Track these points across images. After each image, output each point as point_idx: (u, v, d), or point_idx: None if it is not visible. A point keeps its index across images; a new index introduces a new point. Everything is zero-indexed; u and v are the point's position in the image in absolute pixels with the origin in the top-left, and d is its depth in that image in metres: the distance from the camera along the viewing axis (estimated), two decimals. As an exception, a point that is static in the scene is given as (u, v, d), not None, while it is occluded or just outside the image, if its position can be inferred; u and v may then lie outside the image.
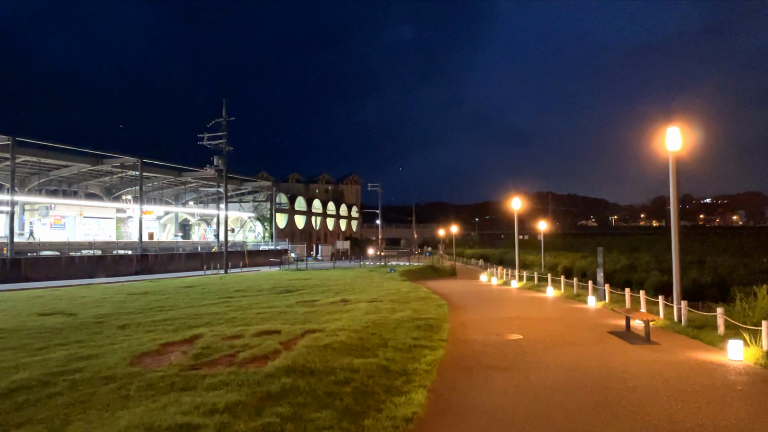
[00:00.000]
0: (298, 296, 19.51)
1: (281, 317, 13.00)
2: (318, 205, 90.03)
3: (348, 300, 17.25)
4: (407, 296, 18.77)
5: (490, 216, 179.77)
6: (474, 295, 21.99)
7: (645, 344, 9.75)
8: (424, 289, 22.46)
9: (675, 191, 12.18)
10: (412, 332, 10.58)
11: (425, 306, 15.78)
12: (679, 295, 12.15)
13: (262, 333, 10.08)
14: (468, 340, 10.51)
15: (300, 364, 7.31)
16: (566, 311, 15.40)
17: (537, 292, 22.29)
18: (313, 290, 21.85)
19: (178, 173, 55.10)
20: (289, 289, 22.36)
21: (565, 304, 17.49)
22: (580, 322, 13.07)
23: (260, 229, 71.33)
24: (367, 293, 20.22)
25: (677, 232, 12.30)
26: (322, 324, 11.33)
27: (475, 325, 12.49)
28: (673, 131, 12.11)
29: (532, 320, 13.40)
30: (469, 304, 18.00)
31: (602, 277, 16.81)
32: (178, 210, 66.11)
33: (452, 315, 14.38)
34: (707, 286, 29.70)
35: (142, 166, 45.18)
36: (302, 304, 16.48)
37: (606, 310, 15.28)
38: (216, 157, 42.59)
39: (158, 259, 45.33)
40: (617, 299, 16.89)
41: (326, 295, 19.41)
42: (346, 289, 22.26)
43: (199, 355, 8.18)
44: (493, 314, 14.78)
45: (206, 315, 13.72)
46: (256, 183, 66.88)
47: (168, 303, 17.23)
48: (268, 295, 19.88)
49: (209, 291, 22.04)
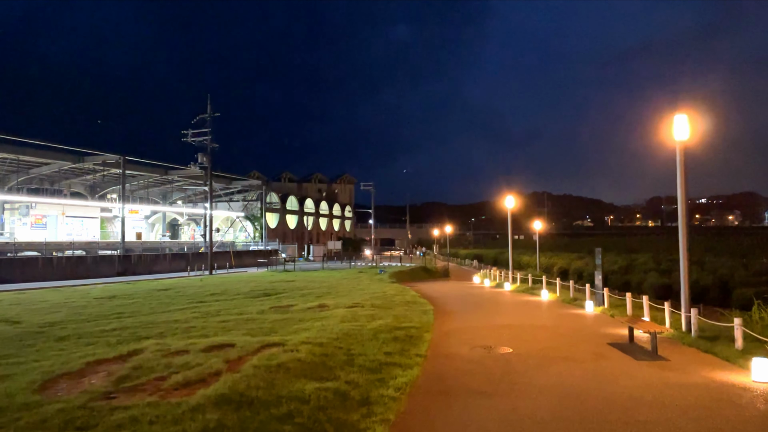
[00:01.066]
0: (275, 300, 18.19)
1: (246, 326, 11.68)
2: (310, 204, 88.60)
3: (326, 305, 15.94)
4: (392, 301, 17.48)
5: (486, 216, 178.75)
6: (464, 298, 20.72)
7: (652, 360, 8.48)
8: (412, 293, 21.17)
9: (683, 185, 10.93)
10: (387, 345, 9.28)
11: (409, 312, 14.49)
12: (688, 302, 10.90)
13: (214, 347, 8.76)
14: (450, 354, 9.20)
15: (239, 391, 5.99)
16: (562, 318, 14.13)
17: (531, 296, 21.03)
18: (293, 294, 20.53)
19: (164, 171, 53.64)
20: (268, 293, 21.03)
21: (561, 309, 16.22)
22: (577, 330, 11.79)
23: (251, 229, 69.89)
24: (350, 297, 18.92)
25: (686, 232, 11.05)
26: (287, 335, 10.02)
27: (461, 335, 11.19)
28: (681, 119, 10.86)
29: (524, 329, 12.11)
30: (458, 309, 16.71)
31: (600, 281, 15.55)
32: (165, 209, 64.61)
33: (437, 323, 13.09)
34: (708, 288, 28.56)
35: (124, 163, 43.73)
36: (276, 309, 15.16)
37: (605, 317, 14.01)
38: (201, 154, 41.15)
39: (142, 260, 43.89)
40: (617, 304, 15.65)
41: (305, 300, 18.10)
42: (328, 293, 20.95)
43: (124, 377, 6.86)
44: (482, 321, 13.49)
45: (164, 323, 12.39)
46: (246, 182, 65.42)
47: (131, 309, 15.88)
48: (243, 300, 18.55)
49: (183, 294, 20.68)
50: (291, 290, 22.18)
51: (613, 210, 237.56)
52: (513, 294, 22.45)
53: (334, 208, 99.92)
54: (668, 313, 11.33)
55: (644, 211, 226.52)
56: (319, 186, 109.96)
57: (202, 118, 40.90)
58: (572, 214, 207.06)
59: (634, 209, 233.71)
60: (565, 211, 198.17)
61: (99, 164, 45.32)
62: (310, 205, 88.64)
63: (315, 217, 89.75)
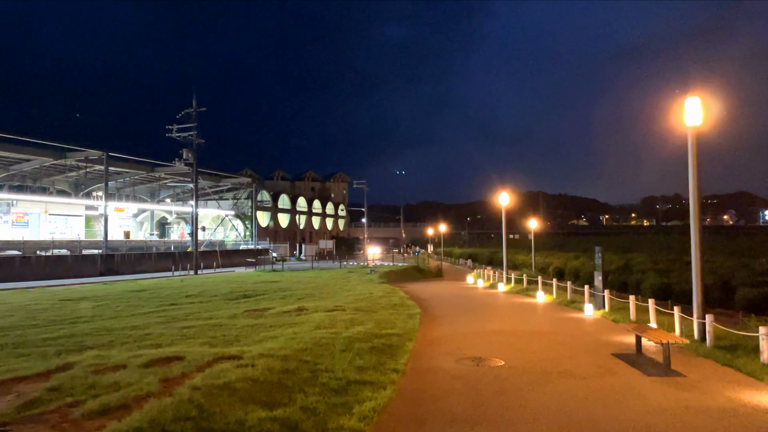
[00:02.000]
0: (252, 303, 17.00)
1: (209, 334, 10.49)
2: (303, 203, 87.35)
3: (305, 309, 14.75)
4: (377, 303, 16.31)
5: (481, 215, 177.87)
6: (455, 300, 19.56)
7: (666, 376, 7.33)
8: (401, 294, 20.00)
9: (696, 176, 9.80)
10: (361, 357, 8.10)
11: (393, 316, 13.33)
12: (702, 306, 9.79)
13: (159, 361, 7.56)
14: (433, 368, 8.03)
15: (161, 423, 4.81)
16: (559, 322, 12.99)
17: (526, 297, 19.90)
18: (274, 295, 19.34)
19: (151, 168, 52.29)
20: (248, 295, 19.83)
21: (558, 312, 15.08)
22: (577, 338, 10.64)
23: (241, 228, 68.57)
24: (333, 299, 17.74)
25: (698, 229, 9.93)
26: (250, 345, 8.84)
27: (448, 344, 10.02)
28: (693, 103, 9.73)
29: (518, 336, 10.96)
30: (448, 312, 15.55)
31: (601, 282, 14.41)
32: (153, 207, 63.22)
33: (423, 329, 11.92)
34: (709, 289, 27.52)
35: (107, 159, 42.37)
36: (249, 314, 13.96)
37: (606, 322, 12.88)
38: (186, 150, 39.85)
39: (126, 259, 42.55)
40: (618, 307, 14.53)
41: (284, 302, 16.92)
42: (311, 294, 19.77)
43: (33, 402, 5.65)
44: (473, 327, 12.33)
45: (120, 330, 11.17)
46: (236, 179, 64.08)
47: (93, 313, 14.64)
48: (219, 302, 17.34)
49: (156, 296, 19.46)
50: (273, 291, 20.99)
51: (608, 209, 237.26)
52: (507, 295, 21.32)
53: (328, 206, 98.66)
54: (678, 318, 10.19)
55: (639, 210, 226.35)
56: (312, 184, 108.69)
57: (187, 113, 39.62)
58: (567, 214, 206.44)
59: (628, 209, 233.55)
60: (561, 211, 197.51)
61: (81, 160, 43.94)
62: (303, 203, 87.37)
63: (308, 216, 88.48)
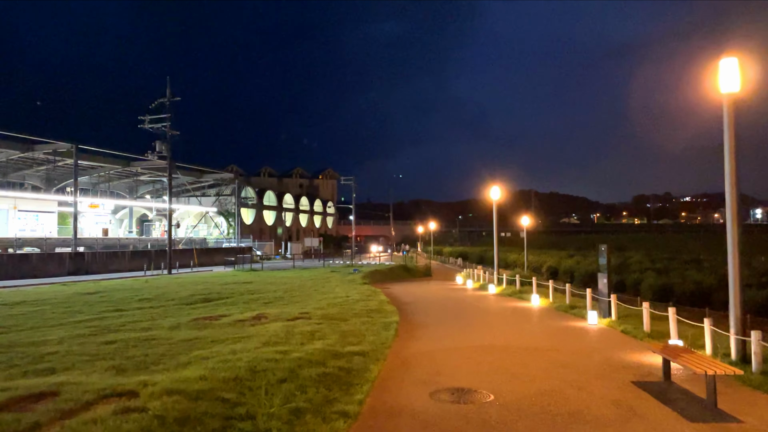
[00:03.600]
0: (210, 309, 14.93)
1: (128, 353, 8.43)
2: (290, 200, 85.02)
3: (265, 316, 12.70)
4: (351, 309, 14.30)
5: (472, 214, 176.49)
6: (441, 304, 17.58)
7: (714, 422, 5.36)
8: (381, 297, 18.00)
9: (733, 154, 7.89)
10: (304, 392, 6.07)
11: (365, 326, 11.32)
12: (741, 319, 7.86)
13: (23, 400, 5.50)
14: (398, 409, 5.99)
15: None
16: (560, 334, 11.02)
17: (519, 301, 17.95)
18: (238, 299, 17.26)
19: (127, 163, 49.87)
20: (210, 298, 17.73)
21: (557, 320, 13.12)
22: (584, 357, 8.67)
23: (225, 226, 66.25)
24: (303, 304, 15.71)
25: (737, 221, 8.04)
26: (166, 372, 6.81)
27: (424, 366, 8.02)
28: (729, 64, 7.79)
29: (511, 353, 8.97)
30: (430, 320, 13.55)
31: (606, 285, 12.46)
32: (132, 204, 60.78)
33: (398, 343, 9.92)
34: (712, 290, 25.84)
35: (77, 152, 39.95)
36: (197, 323, 11.89)
37: (615, 333, 10.93)
38: (159, 142, 37.52)
39: (97, 258, 40.17)
40: (625, 314, 12.60)
41: (246, 308, 14.86)
42: (281, 298, 17.72)
43: None
44: (457, 340, 10.34)
45: (24, 347, 9.08)
46: (218, 175, 61.70)
47: (15, 322, 12.50)
48: (171, 308, 15.24)
49: (106, 300, 17.32)
50: (239, 294, 18.91)
51: (599, 208, 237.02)
52: (498, 298, 19.37)
53: (316, 204, 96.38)
54: (709, 334, 8.21)
55: (629, 208, 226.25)
56: (300, 181, 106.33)
57: (161, 102, 37.28)
58: (559, 212, 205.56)
59: (619, 207, 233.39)
60: (552, 209, 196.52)
61: (50, 153, 41.51)
62: (290, 200, 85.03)
63: (295, 213, 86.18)
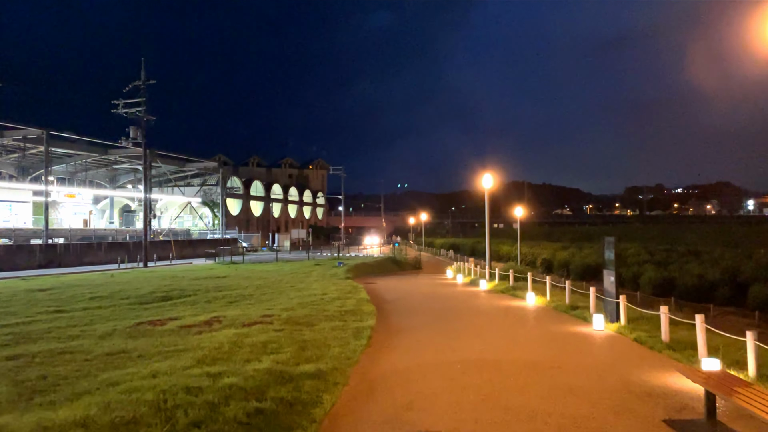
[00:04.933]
0: (163, 310, 13.17)
1: (19, 375, 6.70)
2: (278, 190, 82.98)
3: (219, 320, 10.97)
4: (323, 310, 12.59)
5: (465, 205, 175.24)
6: (426, 303, 15.89)
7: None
8: (362, 295, 16.31)
9: None
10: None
11: (334, 333, 9.62)
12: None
13: None
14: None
15: None
16: (562, 343, 9.35)
17: (513, 299, 16.29)
18: (199, 298, 15.50)
19: (104, 150, 47.67)
20: (169, 297, 15.96)
21: (557, 324, 11.45)
22: (595, 377, 6.99)
23: (210, 217, 64.24)
24: (270, 303, 13.99)
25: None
26: (34, 409, 5.06)
27: (393, 394, 6.31)
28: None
29: (503, 372, 7.28)
30: (412, 323, 11.86)
31: (614, 284, 10.78)
32: (112, 194, 58.65)
33: (367, 356, 8.22)
34: (716, 285, 24.32)
35: (47, 139, 37.78)
36: (136, 330, 10.13)
37: (628, 342, 9.26)
38: (133, 127, 35.46)
39: (70, 250, 38.22)
40: (635, 316, 10.94)
41: (204, 309, 13.12)
42: (249, 296, 15.97)
43: None
44: (439, 352, 8.64)
45: None
46: (202, 163, 59.54)
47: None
48: (121, 308, 13.46)
49: (55, 298, 15.51)
50: (205, 292, 17.15)
51: (592, 199, 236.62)
52: (490, 295, 17.71)
53: (305, 194, 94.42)
54: (753, 349, 6.52)
55: (621, 200, 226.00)
56: (289, 171, 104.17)
57: (135, 86, 35.21)
58: (551, 203, 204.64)
59: (611, 198, 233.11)
60: (544, 200, 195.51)
61: (20, 140, 39.31)
62: (278, 190, 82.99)
63: (283, 204, 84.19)
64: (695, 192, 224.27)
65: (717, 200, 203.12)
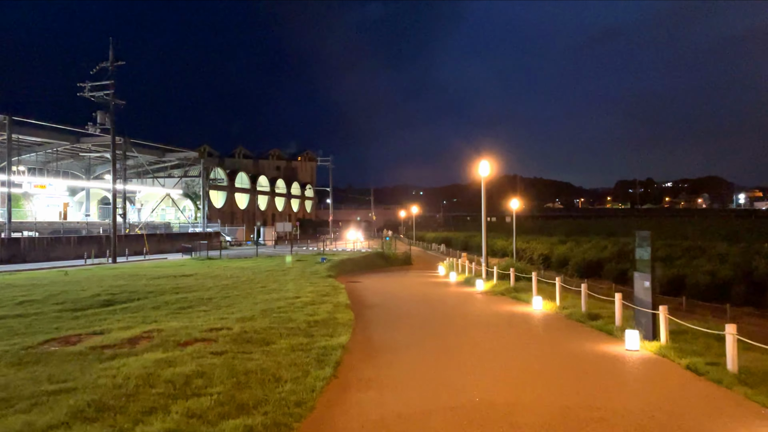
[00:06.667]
0: (95, 320, 10.82)
1: None
2: (265, 182, 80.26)
3: (152, 335, 8.63)
4: (290, 319, 10.30)
5: (457, 199, 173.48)
6: (416, 308, 13.62)
7: None
8: (341, 298, 14.03)
9: None
10: None
11: (293, 356, 7.33)
12: None
13: None
14: None
15: None
16: (594, 373, 7.10)
17: (515, 302, 14.05)
18: (148, 303, 13.13)
19: (76, 138, 44.83)
20: (114, 301, 13.59)
21: (578, 341, 9.19)
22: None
23: (193, 209, 61.54)
24: (228, 310, 11.65)
25: None
26: None
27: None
28: None
29: (521, 429, 5.01)
30: (397, 338, 9.57)
31: (651, 291, 8.54)
32: (88, 185, 55.77)
33: (328, 398, 5.92)
34: (730, 282, 22.32)
35: (10, 125, 34.93)
36: (35, 352, 7.81)
37: (678, 371, 7.01)
38: (101, 112, 32.76)
39: (36, 245, 35.61)
40: (677, 330, 8.72)
41: (144, 318, 10.77)
42: (209, 300, 13.63)
43: None
44: (430, 390, 6.36)
45: None
46: (182, 153, 56.78)
47: None
48: (46, 317, 11.09)
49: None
50: (159, 294, 14.78)
51: (583, 193, 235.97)
52: (489, 299, 15.46)
53: (293, 187, 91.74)
54: None
55: (612, 194, 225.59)
56: (277, 163, 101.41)
57: (103, 67, 32.53)
58: (543, 197, 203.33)
59: (602, 192, 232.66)
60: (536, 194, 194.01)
61: (-21, 126, 36.45)
62: (265, 182, 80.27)
63: (270, 197, 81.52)
64: (685, 186, 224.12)
65: (708, 194, 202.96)
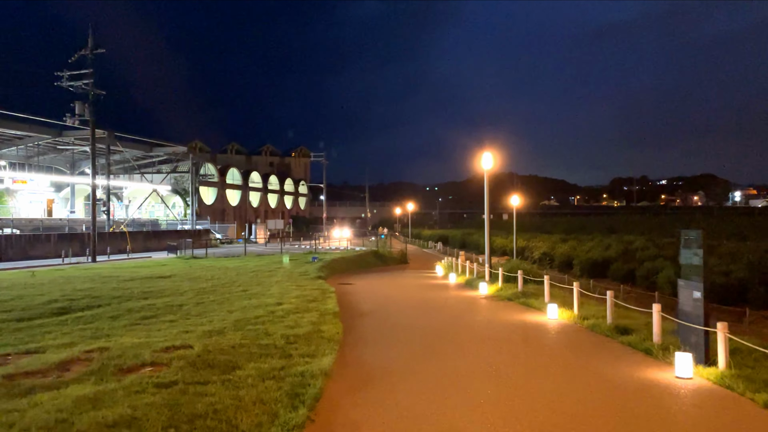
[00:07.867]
0: (39, 333, 9.26)
1: None
2: (257, 178, 78.41)
3: (92, 357, 7.03)
4: (266, 332, 8.72)
5: (453, 196, 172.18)
6: (414, 317, 12.05)
7: None
8: (330, 304, 12.45)
9: None
10: None
11: (260, 388, 5.75)
12: None
13: None
14: None
15: None
16: (644, 415, 5.53)
17: (526, 310, 12.50)
18: (107, 311, 11.51)
19: (58, 132, 43.08)
20: (71, 308, 11.97)
21: (613, 364, 7.62)
22: None
23: (182, 206, 59.73)
24: (197, 320, 10.06)
25: None
26: None
27: None
28: None
29: None
30: (392, 358, 8.00)
31: (702, 304, 6.98)
32: (72, 181, 53.91)
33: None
34: (745, 284, 20.95)
35: (-15, 117, 33.25)
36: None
37: (751, 407, 5.47)
38: (79, 102, 30.99)
39: (12, 243, 33.82)
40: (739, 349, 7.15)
41: (95, 332, 9.20)
42: (179, 307, 12.01)
43: None
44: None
45: None
46: (171, 148, 54.96)
47: None
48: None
49: None
50: (125, 300, 13.15)
51: (578, 191, 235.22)
52: (494, 304, 13.90)
53: (287, 183, 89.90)
54: None
55: (607, 191, 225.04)
56: (270, 159, 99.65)
57: (82, 55, 30.76)
58: (539, 194, 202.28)
59: (597, 190, 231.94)
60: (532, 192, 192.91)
61: (-47, 118, 34.69)
62: (257, 179, 78.43)
63: (263, 193, 79.71)
64: (680, 184, 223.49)
65: (703, 192, 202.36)
